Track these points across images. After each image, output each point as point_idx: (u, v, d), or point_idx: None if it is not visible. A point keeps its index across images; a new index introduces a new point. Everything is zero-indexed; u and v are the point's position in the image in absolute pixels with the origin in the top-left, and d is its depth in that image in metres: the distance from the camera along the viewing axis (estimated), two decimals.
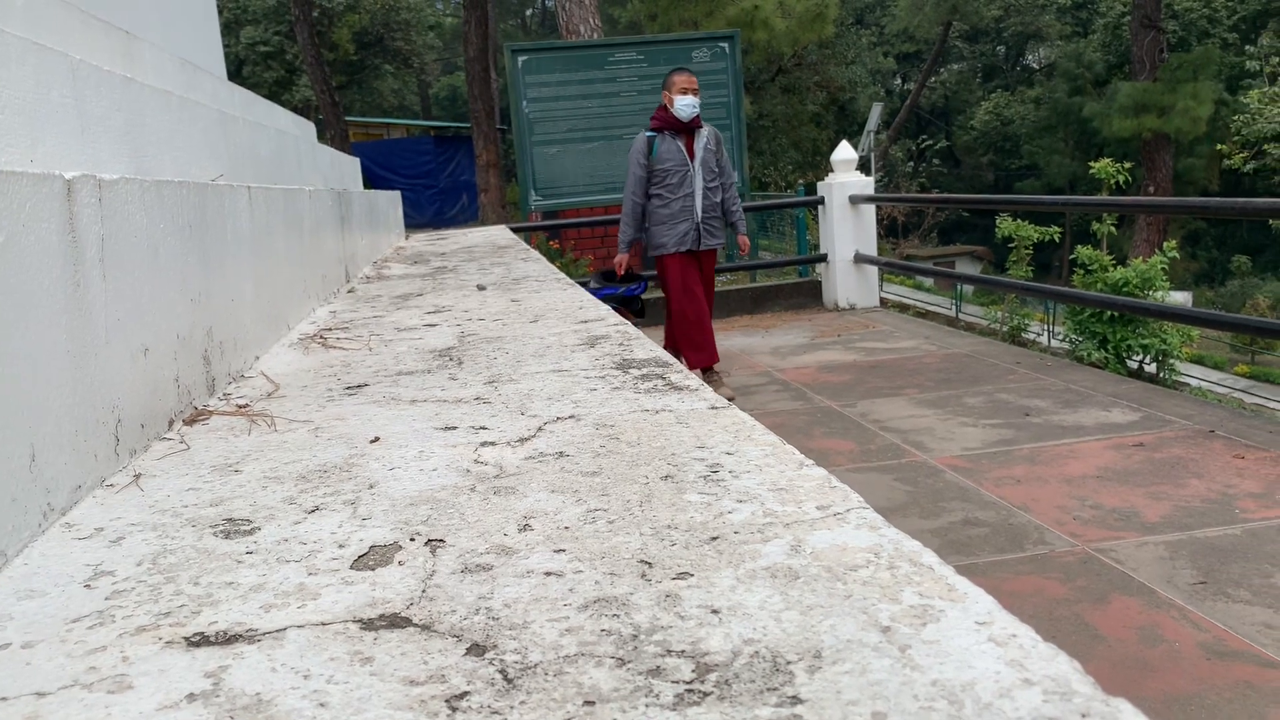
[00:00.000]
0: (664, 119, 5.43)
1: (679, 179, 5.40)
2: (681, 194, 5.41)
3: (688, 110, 5.34)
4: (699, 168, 5.43)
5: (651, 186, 5.46)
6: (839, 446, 4.51)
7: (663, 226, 5.47)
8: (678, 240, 5.44)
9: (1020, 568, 3.07)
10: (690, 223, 5.45)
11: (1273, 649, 2.47)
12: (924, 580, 0.70)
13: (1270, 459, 3.87)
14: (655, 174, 5.43)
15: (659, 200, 5.46)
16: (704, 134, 5.49)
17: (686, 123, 5.38)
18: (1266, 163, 19.91)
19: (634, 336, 1.94)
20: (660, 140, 5.42)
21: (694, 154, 5.44)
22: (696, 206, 5.44)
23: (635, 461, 1.08)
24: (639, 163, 5.44)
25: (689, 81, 5.37)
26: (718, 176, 5.53)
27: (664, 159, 5.39)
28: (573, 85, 8.95)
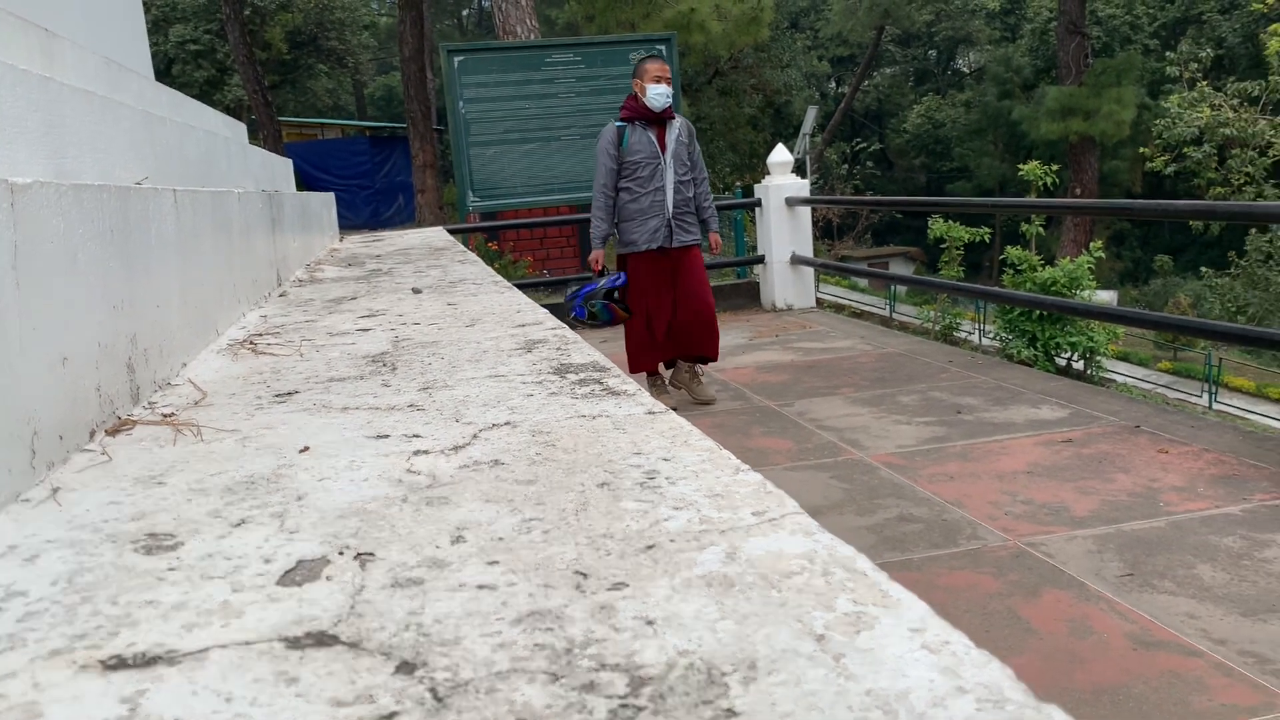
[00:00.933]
0: (634, 108, 5.16)
1: (650, 172, 5.12)
2: (652, 188, 5.13)
3: (660, 100, 5.07)
4: (671, 160, 5.16)
5: (620, 180, 5.18)
6: (777, 445, 4.54)
7: (632, 223, 5.18)
8: (649, 236, 5.15)
9: (954, 563, 3.12)
10: (661, 218, 5.15)
11: (1196, 638, 2.54)
12: (858, 587, 0.70)
13: (1192, 453, 3.98)
14: (625, 166, 5.14)
15: (628, 194, 5.16)
16: (676, 125, 5.23)
17: (658, 113, 5.12)
18: (1186, 165, 20.53)
19: (572, 341, 1.93)
20: (630, 131, 5.14)
21: (666, 146, 5.16)
22: (668, 201, 5.15)
23: (571, 469, 1.07)
24: (609, 153, 5.15)
25: (662, 69, 5.12)
26: (690, 170, 5.26)
27: (634, 150, 5.11)
28: (510, 86, 8.90)
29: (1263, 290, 18.42)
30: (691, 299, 5.29)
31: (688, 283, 5.31)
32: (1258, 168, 18.52)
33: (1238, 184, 18.65)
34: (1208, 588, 2.81)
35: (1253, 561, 2.96)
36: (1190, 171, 20.59)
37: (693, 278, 5.31)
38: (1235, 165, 18.63)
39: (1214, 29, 31.90)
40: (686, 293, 5.29)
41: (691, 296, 5.29)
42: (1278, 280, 18.15)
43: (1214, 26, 32.05)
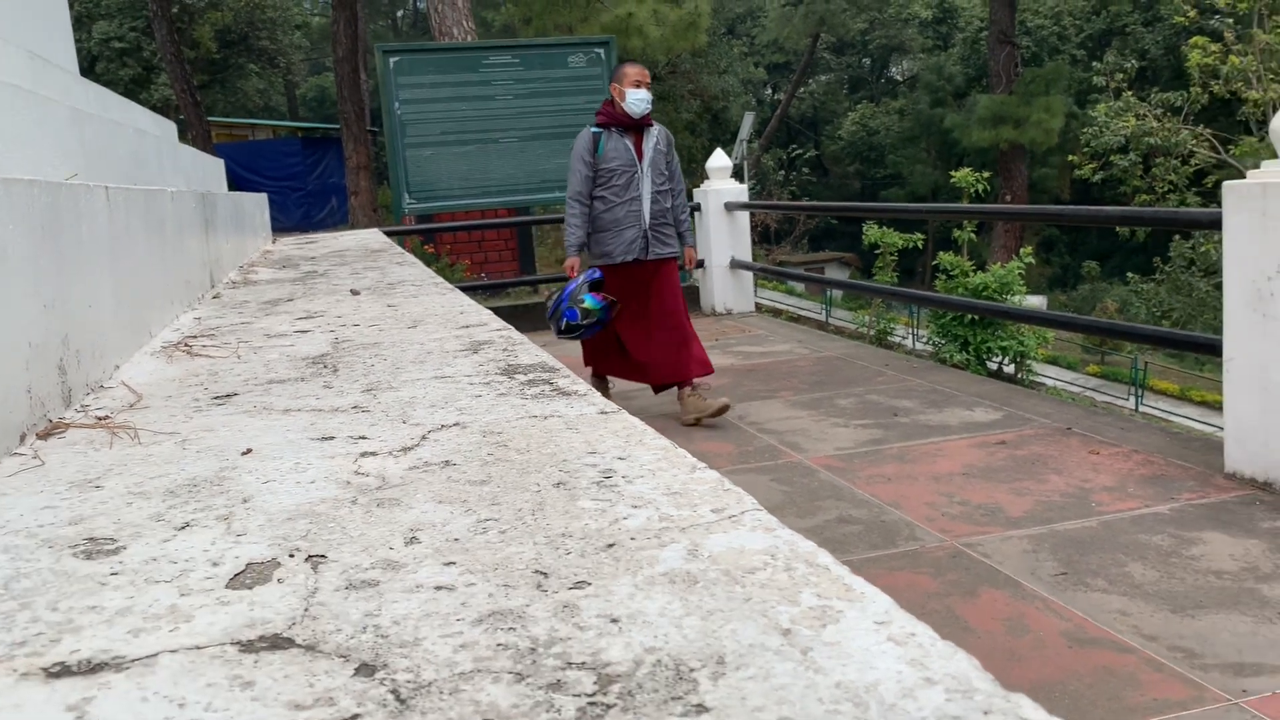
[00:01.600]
0: (611, 114, 4.93)
1: (625, 180, 4.88)
2: (628, 197, 4.88)
3: (640, 106, 4.84)
4: (648, 169, 4.92)
5: (595, 188, 4.92)
6: (719, 449, 4.56)
7: (606, 233, 4.92)
8: (624, 248, 4.89)
9: (893, 563, 3.16)
10: (638, 229, 4.90)
11: (1128, 635, 2.60)
12: (821, 581, 0.70)
13: (1122, 454, 4.09)
14: (599, 174, 4.89)
15: (602, 203, 4.91)
16: (654, 133, 4.99)
17: (637, 120, 4.88)
18: (1113, 173, 21.10)
19: (518, 342, 1.91)
20: (606, 137, 4.90)
21: (643, 154, 4.92)
22: (644, 211, 4.90)
23: (526, 469, 1.06)
24: (584, 159, 4.90)
25: (642, 74, 4.89)
26: (667, 180, 5.03)
27: (610, 157, 4.87)
28: (446, 88, 8.82)
29: (1186, 295, 19.01)
30: (667, 317, 5.04)
31: (662, 300, 5.06)
32: (1180, 176, 19.11)
33: (1162, 191, 19.22)
34: (1139, 585, 2.88)
35: (1181, 559, 3.04)
36: (1116, 179, 21.18)
37: (668, 295, 5.06)
38: (1159, 173, 19.20)
39: (1138, 41, 32.87)
40: (661, 310, 5.04)
41: (667, 315, 5.04)
42: (1200, 285, 18.75)
43: (1138, 39, 33.03)
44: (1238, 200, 3.55)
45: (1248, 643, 2.52)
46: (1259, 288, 3.48)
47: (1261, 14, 18.56)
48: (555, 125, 9.08)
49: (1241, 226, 3.54)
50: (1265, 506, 3.40)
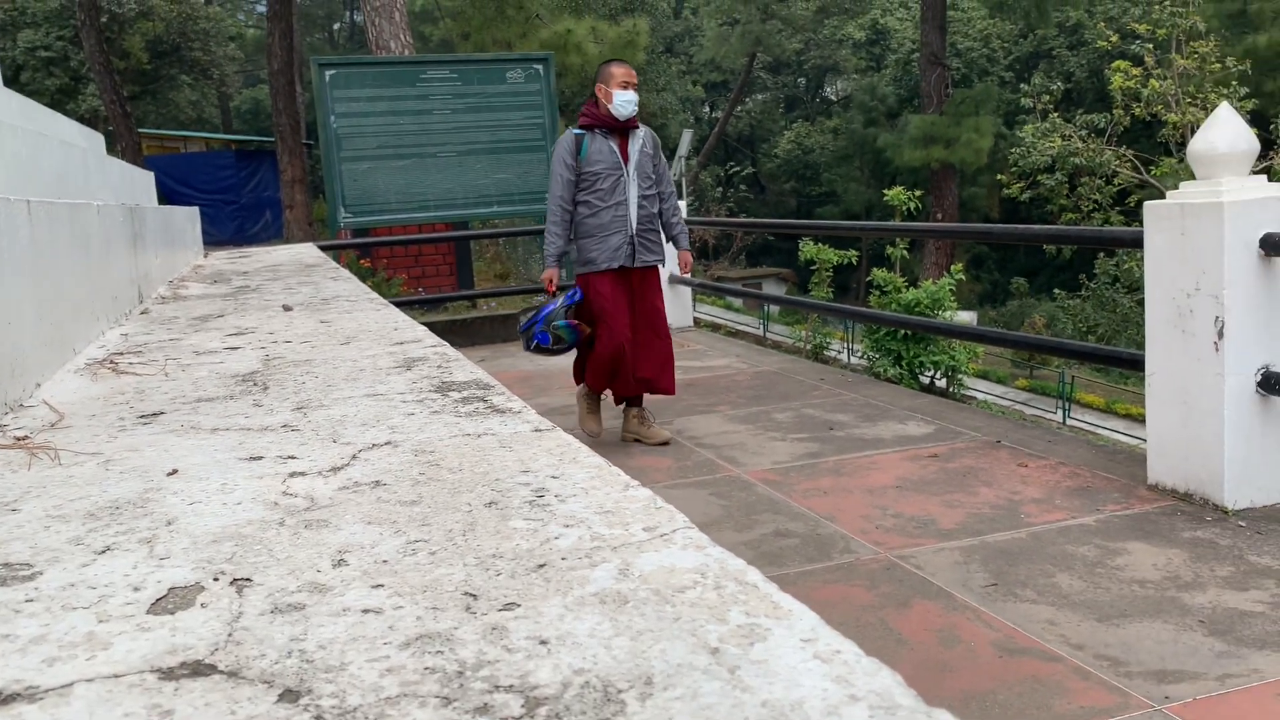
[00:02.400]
0: (596, 116, 4.72)
1: (611, 184, 4.68)
2: (613, 201, 4.69)
3: (628, 108, 4.65)
4: (634, 172, 4.73)
5: (579, 193, 4.73)
6: (657, 464, 4.57)
7: (590, 239, 4.73)
8: (610, 255, 4.70)
9: (828, 576, 3.19)
10: (624, 234, 4.71)
11: (1056, 644, 2.66)
12: (750, 599, 0.71)
13: (1049, 466, 4.18)
14: (584, 178, 4.69)
15: (586, 209, 4.71)
16: (640, 135, 4.80)
17: (623, 122, 4.70)
18: (1040, 192, 21.65)
19: (453, 358, 1.90)
20: (590, 139, 4.70)
21: (629, 156, 4.73)
22: (631, 216, 4.72)
23: (457, 488, 1.06)
24: (566, 163, 4.70)
25: (629, 75, 4.70)
26: (654, 184, 4.85)
27: (594, 161, 4.67)
28: (383, 101, 8.76)
29: (1111, 311, 19.53)
30: (647, 328, 4.90)
31: (645, 309, 4.91)
32: (1105, 195, 19.67)
33: (1087, 210, 19.76)
34: (1066, 595, 2.95)
35: (1106, 569, 3.12)
36: (1044, 198, 21.72)
37: (650, 304, 4.92)
38: (1085, 193, 19.73)
39: (1064, 64, 33.81)
40: (644, 320, 4.89)
41: (648, 325, 4.90)
42: (1124, 302, 19.27)
43: (1063, 61, 33.97)
44: (1158, 220, 3.67)
45: (1170, 650, 2.59)
46: (1179, 305, 3.59)
47: (1179, 40, 19.22)
48: (493, 140, 9.07)
49: (1162, 245, 3.65)
50: (1186, 517, 3.50)
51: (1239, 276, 3.41)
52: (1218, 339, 3.44)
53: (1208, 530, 3.37)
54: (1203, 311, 3.49)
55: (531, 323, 4.81)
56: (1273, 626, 2.68)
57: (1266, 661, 2.50)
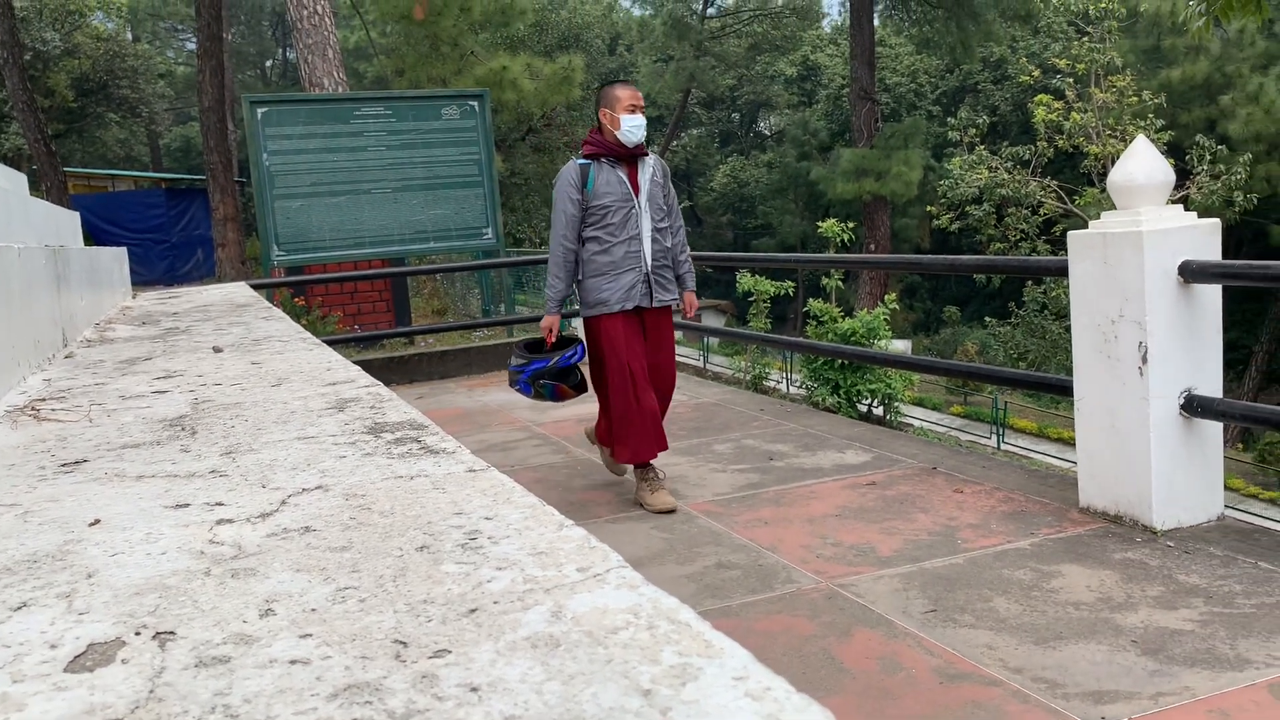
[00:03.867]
0: (601, 143, 4.32)
1: (622, 217, 4.27)
2: (625, 236, 4.27)
3: (636, 133, 4.27)
4: (646, 203, 4.32)
5: (586, 228, 4.30)
6: (599, 498, 4.55)
7: (601, 279, 4.29)
8: (623, 295, 4.27)
9: (771, 607, 3.19)
10: (638, 272, 4.29)
11: (994, 668, 2.69)
12: (682, 638, 0.71)
13: (984, 491, 4.25)
14: (591, 212, 4.27)
15: (596, 245, 4.28)
16: (649, 163, 4.38)
17: (631, 149, 4.31)
18: (969, 222, 22.18)
19: (387, 398, 1.88)
20: (597, 169, 4.28)
21: (639, 186, 4.32)
22: (645, 252, 4.31)
23: (389, 533, 1.04)
24: (570, 197, 4.27)
25: (635, 98, 4.31)
26: (666, 216, 4.43)
27: (602, 193, 4.25)
28: (316, 139, 8.71)
29: (1040, 338, 20.00)
30: (658, 377, 4.46)
31: (658, 355, 4.46)
32: (1031, 225, 20.21)
33: (1014, 239, 20.27)
34: (1003, 619, 2.99)
35: (1041, 592, 3.17)
36: (972, 228, 22.26)
37: (664, 350, 4.49)
38: (1012, 222, 20.26)
39: (989, 98, 34.77)
40: (654, 366, 4.44)
41: (659, 374, 4.46)
42: (1053, 328, 19.74)
43: (989, 95, 34.93)
44: (1081, 249, 3.77)
45: (1105, 671, 2.63)
46: (1104, 331, 3.69)
47: (1098, 75, 19.89)
48: (429, 176, 9.05)
49: (1086, 274, 3.76)
50: (1117, 538, 3.58)
51: (1160, 303, 3.52)
52: (1142, 364, 3.54)
53: (1138, 551, 3.45)
54: (1127, 337, 3.59)
55: (518, 370, 4.57)
56: (1202, 644, 2.74)
57: (1197, 679, 2.56)
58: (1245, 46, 28.30)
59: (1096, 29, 20.15)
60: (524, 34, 24.90)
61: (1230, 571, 3.21)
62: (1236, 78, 27.84)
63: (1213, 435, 3.70)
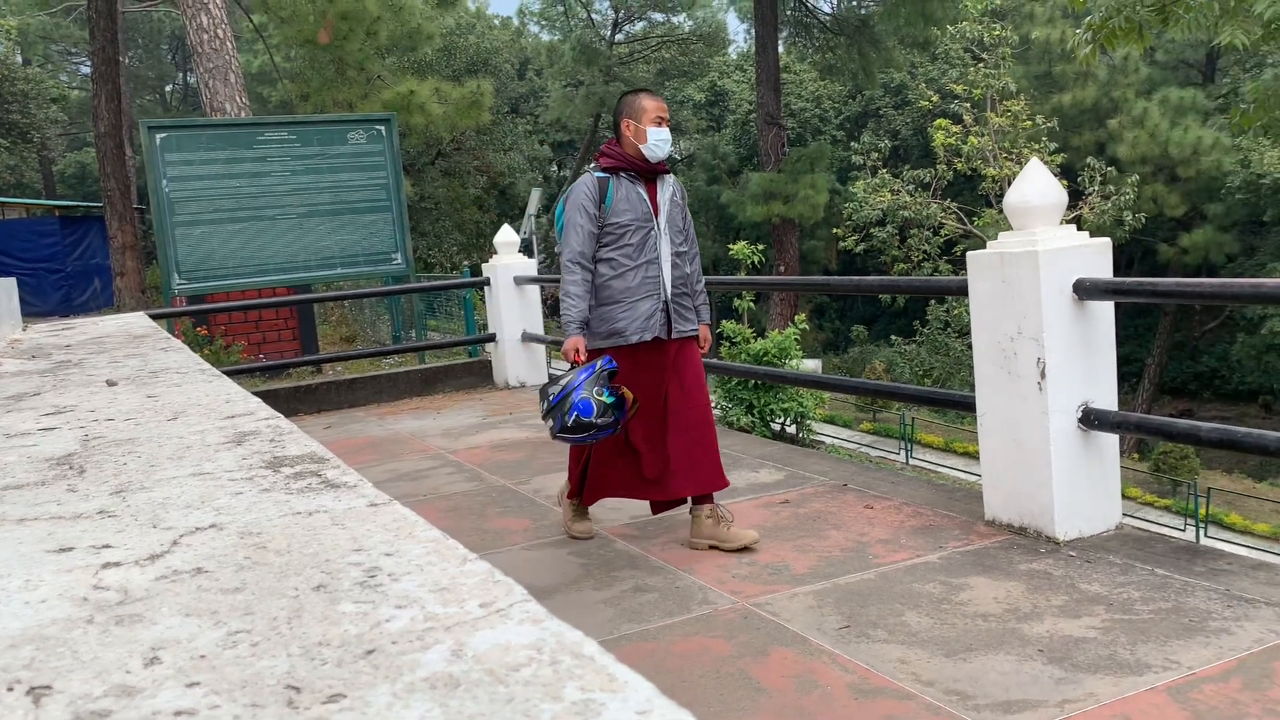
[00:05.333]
0: (622, 157, 3.96)
1: (640, 239, 3.90)
2: (643, 260, 3.90)
3: (663, 148, 3.94)
4: (665, 225, 3.96)
5: (599, 248, 3.93)
6: (514, 525, 4.50)
7: (616, 306, 3.90)
8: (640, 325, 3.89)
9: (688, 629, 3.19)
10: (656, 300, 3.92)
11: (907, 682, 2.72)
12: (585, 672, 0.69)
13: (894, 507, 4.32)
14: (606, 230, 3.91)
15: (610, 268, 3.91)
16: (670, 182, 4.05)
17: (654, 165, 3.97)
18: (874, 244, 22.70)
19: (287, 431, 1.83)
20: (616, 185, 3.93)
21: (659, 207, 3.97)
22: (665, 277, 3.94)
23: (284, 572, 1.00)
24: (587, 212, 3.90)
25: (662, 109, 3.97)
26: (684, 240, 4.09)
27: (621, 210, 3.90)
28: (218, 164, 8.51)
29: (944, 355, 20.52)
30: (691, 411, 4.01)
31: (685, 389, 4.02)
32: (933, 245, 20.77)
33: (917, 260, 20.80)
34: (915, 633, 3.03)
35: (951, 605, 3.23)
36: (877, 249, 22.79)
37: (691, 382, 4.04)
38: (914, 243, 20.80)
39: (890, 122, 35.71)
40: (685, 403, 4.00)
41: (691, 408, 4.01)
42: (956, 346, 20.27)
43: (890, 120, 35.88)
44: (980, 269, 3.88)
45: (1013, 680, 2.69)
46: (1003, 348, 3.79)
47: (994, 100, 20.59)
48: (335, 201, 8.92)
49: (985, 292, 3.86)
50: (1021, 550, 3.67)
51: (1056, 320, 3.63)
52: (1041, 379, 3.65)
53: (1042, 562, 3.54)
54: (1025, 354, 3.69)
55: (564, 393, 3.79)
56: (1104, 651, 2.82)
57: (1101, 685, 2.63)
58: (1130, 73, 29.67)
59: (991, 56, 20.89)
60: (432, 58, 24.77)
61: (1129, 579, 3.32)
62: (1123, 102, 29.17)
63: (1110, 447, 3.83)
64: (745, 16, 37.65)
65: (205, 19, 11.56)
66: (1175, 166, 28.53)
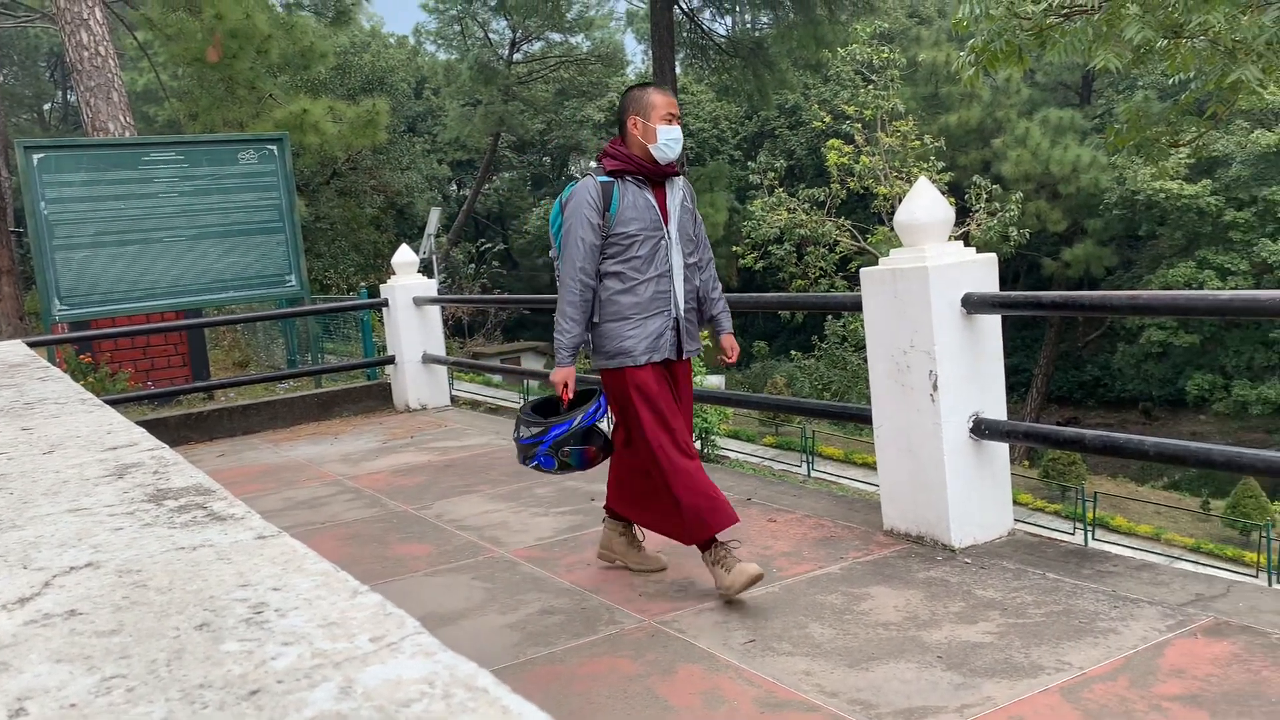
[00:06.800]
0: (629, 158, 3.57)
1: (649, 250, 3.53)
2: (653, 273, 3.54)
3: (674, 148, 3.57)
4: (676, 234, 3.60)
5: (604, 261, 3.55)
6: (416, 551, 4.41)
7: (624, 323, 3.54)
8: (650, 345, 3.54)
9: (595, 650, 3.17)
10: (668, 317, 3.57)
11: (813, 694, 2.75)
12: (479, 705, 0.67)
13: (796, 520, 4.37)
14: (612, 241, 3.52)
15: (618, 282, 3.53)
16: (679, 185, 3.67)
17: (664, 167, 3.60)
18: (772, 261, 23.08)
19: (172, 462, 1.75)
20: (621, 189, 3.54)
21: (668, 213, 3.60)
22: (677, 292, 3.58)
23: (165, 612, 0.96)
24: (590, 222, 3.50)
25: (672, 105, 3.60)
26: (695, 249, 3.72)
27: (628, 218, 3.51)
28: (101, 185, 8.19)
29: (842, 369, 20.95)
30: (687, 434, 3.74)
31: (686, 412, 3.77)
32: (829, 262, 21.22)
33: (814, 277, 21.22)
34: (819, 644, 3.07)
35: (853, 615, 3.28)
36: (776, 266, 23.17)
37: (687, 407, 3.78)
38: (811, 260, 21.22)
39: (786, 142, 36.43)
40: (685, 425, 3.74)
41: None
42: (853, 359, 20.72)
43: (785, 140, 36.60)
44: (873, 284, 3.97)
45: (914, 688, 2.74)
46: (897, 361, 3.88)
47: (884, 120, 21.19)
48: (226, 223, 8.67)
49: (878, 308, 3.95)
50: (919, 558, 3.75)
51: (947, 333, 3.74)
52: (933, 391, 3.74)
53: (939, 569, 3.62)
54: (918, 366, 3.79)
55: (535, 441, 3.66)
56: (1000, 655, 2.89)
57: (997, 689, 2.69)
58: (1012, 94, 30.90)
59: (880, 78, 21.50)
60: (326, 77, 24.35)
61: (1022, 584, 3.42)
62: (1006, 122, 30.36)
63: (1000, 455, 3.95)
64: (642, 38, 38.08)
65: (86, 35, 11.16)
66: (1056, 184, 29.82)
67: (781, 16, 23.70)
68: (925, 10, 34.06)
